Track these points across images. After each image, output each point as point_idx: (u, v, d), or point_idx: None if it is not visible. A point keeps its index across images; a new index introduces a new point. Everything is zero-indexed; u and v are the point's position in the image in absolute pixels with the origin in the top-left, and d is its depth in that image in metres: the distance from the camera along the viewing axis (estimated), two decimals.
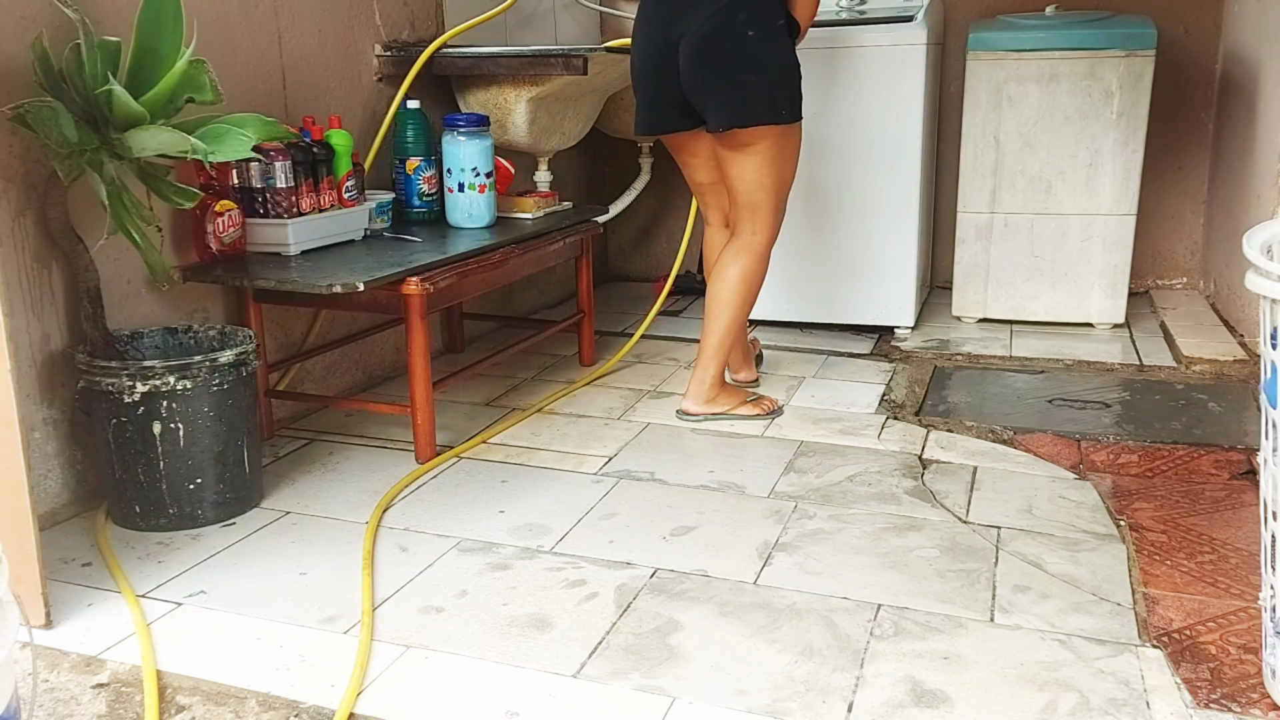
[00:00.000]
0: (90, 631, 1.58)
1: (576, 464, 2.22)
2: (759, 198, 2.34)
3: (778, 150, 2.29)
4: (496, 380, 2.82)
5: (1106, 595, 1.64)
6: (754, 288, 2.43)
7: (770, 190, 2.34)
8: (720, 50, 2.19)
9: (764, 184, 2.33)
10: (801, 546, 1.83)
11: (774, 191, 2.35)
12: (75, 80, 1.76)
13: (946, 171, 3.55)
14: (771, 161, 2.30)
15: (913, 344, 3.11)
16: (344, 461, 2.25)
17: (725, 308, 2.42)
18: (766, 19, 2.20)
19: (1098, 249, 3.15)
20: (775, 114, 2.24)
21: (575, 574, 1.74)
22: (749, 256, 2.39)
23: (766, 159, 2.29)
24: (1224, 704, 1.36)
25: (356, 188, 2.43)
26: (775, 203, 2.36)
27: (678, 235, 4.04)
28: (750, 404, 2.49)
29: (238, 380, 1.91)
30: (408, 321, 2.17)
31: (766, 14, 2.20)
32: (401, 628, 1.58)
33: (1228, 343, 2.97)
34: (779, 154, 2.30)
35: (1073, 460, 2.20)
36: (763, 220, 2.37)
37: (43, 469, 1.92)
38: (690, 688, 1.41)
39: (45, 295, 1.90)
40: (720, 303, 2.42)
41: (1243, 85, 3.21)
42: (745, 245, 2.39)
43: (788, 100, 2.26)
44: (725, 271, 2.41)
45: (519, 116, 2.84)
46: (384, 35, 2.74)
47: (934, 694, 1.39)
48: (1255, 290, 1.27)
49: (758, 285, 2.44)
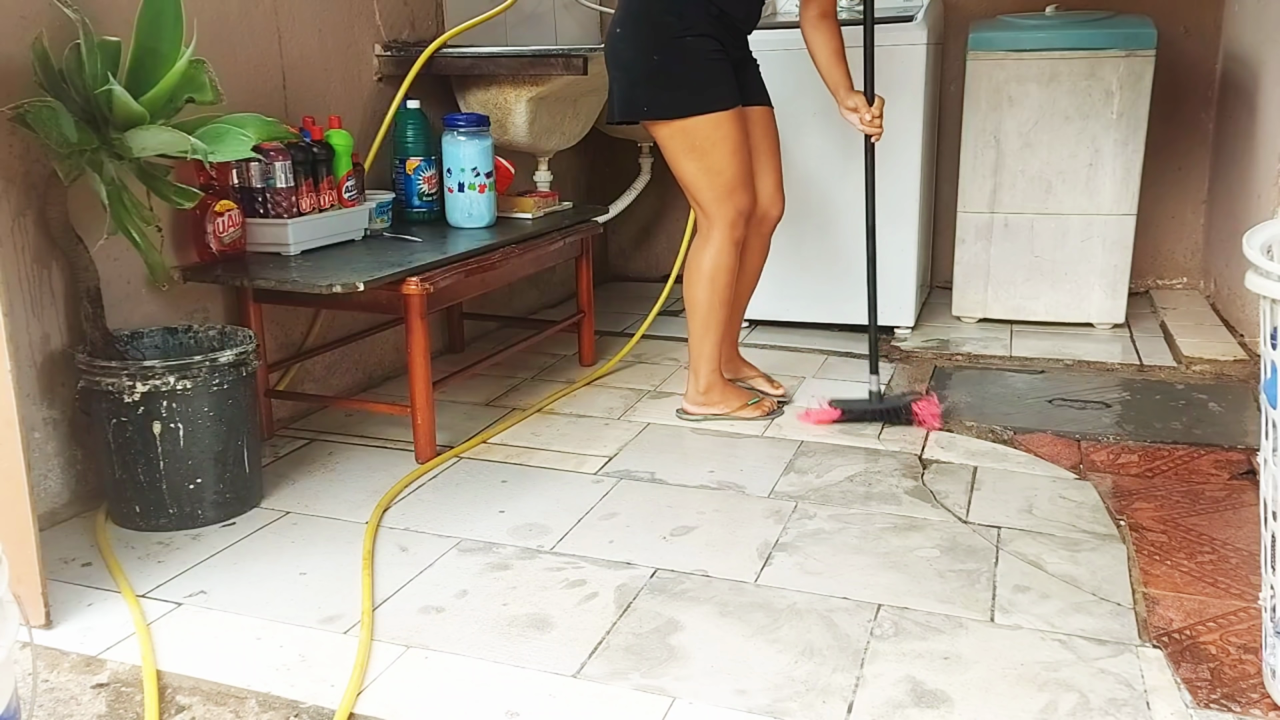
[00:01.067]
0: (90, 631, 1.58)
1: (577, 464, 2.22)
2: (691, 192, 2.38)
3: (681, 144, 2.30)
4: (496, 380, 2.82)
5: (1106, 595, 1.64)
6: (714, 282, 2.40)
7: (695, 186, 2.35)
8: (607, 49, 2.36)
9: (685, 179, 2.36)
10: (801, 546, 1.83)
11: (700, 187, 2.34)
12: (75, 80, 1.76)
13: (946, 171, 3.55)
14: (680, 155, 2.32)
15: (913, 344, 3.11)
16: (344, 461, 2.25)
17: (690, 305, 2.45)
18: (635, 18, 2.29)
19: (1098, 249, 3.15)
20: (637, 111, 2.31)
21: (575, 574, 1.74)
22: (702, 252, 2.40)
23: (672, 153, 2.34)
24: (1224, 704, 1.36)
25: (356, 188, 2.43)
26: (710, 196, 2.34)
27: (678, 235, 4.03)
28: (751, 406, 2.49)
29: (238, 380, 1.91)
30: (408, 321, 2.17)
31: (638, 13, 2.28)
32: (401, 628, 1.58)
33: (1228, 343, 2.97)
34: (684, 148, 2.31)
35: (1073, 460, 2.20)
36: (705, 214, 2.38)
37: (43, 469, 1.92)
38: (690, 688, 1.41)
39: (45, 295, 1.90)
40: (687, 301, 2.46)
41: (1243, 85, 3.21)
42: (699, 241, 2.42)
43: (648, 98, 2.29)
44: (687, 269, 2.45)
45: (519, 116, 2.84)
46: (384, 35, 2.74)
47: (934, 694, 1.39)
48: (1255, 290, 1.27)
49: (720, 279, 2.40)
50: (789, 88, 3.09)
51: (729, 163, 2.31)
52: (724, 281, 2.40)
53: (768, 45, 3.09)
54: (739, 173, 2.33)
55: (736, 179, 2.33)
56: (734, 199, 2.34)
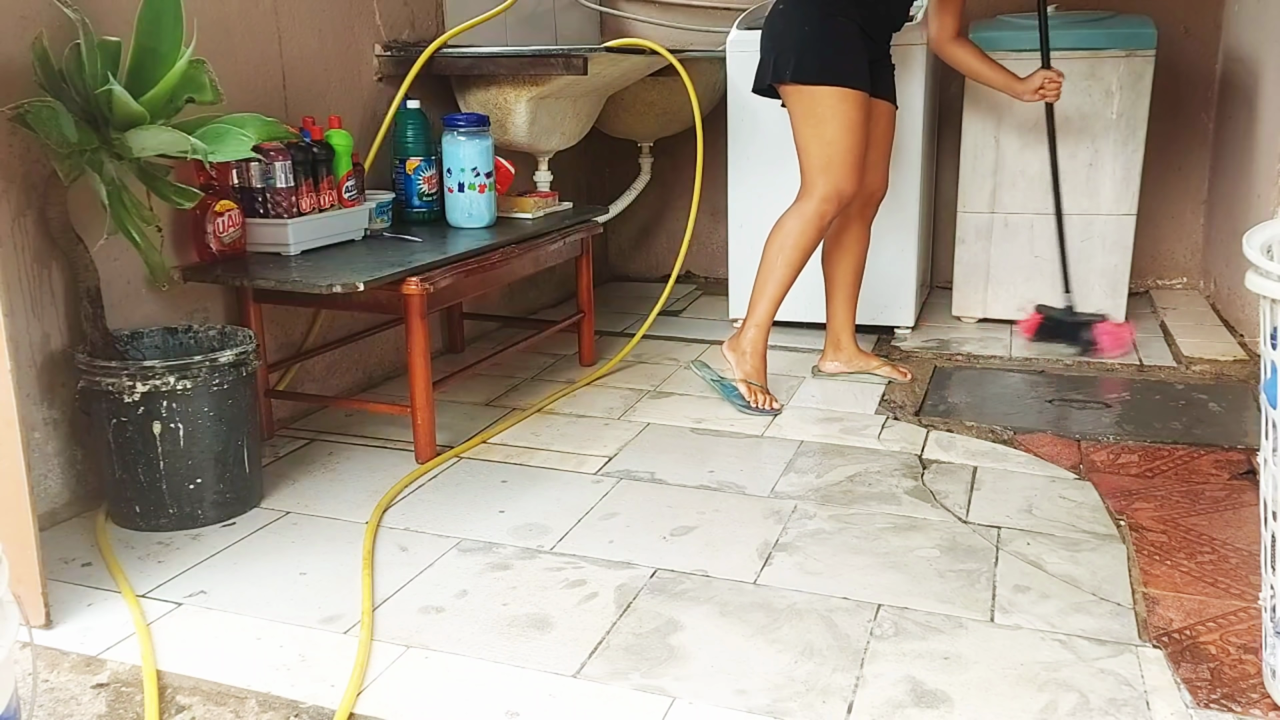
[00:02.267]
0: (90, 631, 1.58)
1: (577, 464, 2.22)
2: (801, 158, 2.53)
3: (804, 108, 2.48)
4: (496, 380, 2.82)
5: (1106, 595, 1.64)
6: (785, 244, 2.52)
7: (805, 151, 2.51)
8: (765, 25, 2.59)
9: (799, 143, 2.52)
10: (801, 546, 1.83)
11: (810, 154, 2.50)
12: (75, 80, 1.76)
13: (946, 171, 3.55)
14: (801, 119, 2.50)
15: (913, 344, 3.11)
16: (344, 461, 2.25)
17: (761, 261, 2.58)
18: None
19: (1098, 249, 3.15)
20: (780, 74, 2.49)
21: (575, 574, 1.74)
22: (790, 215, 2.54)
23: (795, 117, 2.51)
24: (1224, 704, 1.36)
25: (356, 188, 2.43)
26: (816, 164, 2.49)
27: (678, 235, 4.04)
28: (748, 386, 2.56)
29: (238, 380, 1.91)
30: (408, 321, 2.17)
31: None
32: (401, 628, 1.58)
33: (1228, 343, 2.97)
34: (805, 113, 2.48)
35: (1073, 460, 2.20)
36: (806, 181, 2.53)
37: (43, 469, 1.92)
38: (690, 688, 1.41)
39: (45, 295, 1.90)
40: (761, 257, 2.58)
41: (1243, 85, 3.21)
42: (792, 206, 2.55)
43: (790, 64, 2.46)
44: (772, 228, 2.57)
45: (519, 116, 2.84)
46: (384, 35, 2.74)
47: (934, 694, 1.39)
48: (1255, 290, 1.27)
49: (796, 244, 2.52)
50: None
51: (841, 137, 2.46)
52: (794, 245, 2.52)
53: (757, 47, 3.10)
54: (848, 150, 2.47)
55: (844, 156, 2.47)
56: (835, 174, 2.48)
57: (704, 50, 3.37)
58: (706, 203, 3.85)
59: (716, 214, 3.92)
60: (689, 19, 3.77)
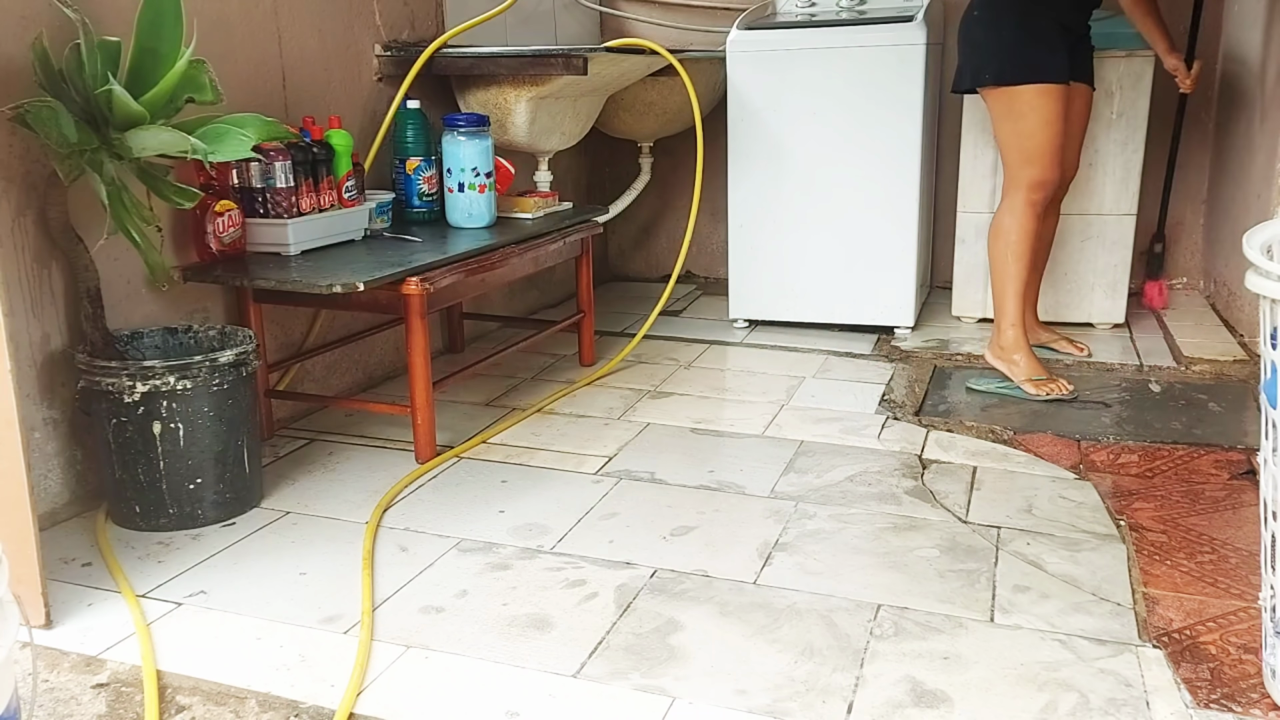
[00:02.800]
0: (90, 631, 1.58)
1: (577, 464, 2.22)
2: (1002, 153, 2.66)
3: (1003, 107, 2.59)
4: (496, 380, 2.82)
5: (1106, 595, 1.64)
6: (1008, 241, 2.64)
7: (1006, 147, 2.63)
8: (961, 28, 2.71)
9: (999, 140, 2.65)
10: (801, 546, 1.83)
11: (1010, 149, 2.61)
12: (75, 80, 1.76)
13: (946, 171, 3.55)
14: (1000, 118, 2.61)
15: (912, 344, 3.11)
16: (344, 461, 2.25)
17: (990, 262, 2.71)
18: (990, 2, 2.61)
19: (1098, 249, 3.15)
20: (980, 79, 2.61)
21: (575, 574, 1.74)
22: (1002, 212, 2.67)
23: (995, 116, 2.63)
24: (1224, 704, 1.36)
25: (356, 188, 2.43)
26: (1016, 159, 2.60)
27: (678, 235, 4.04)
28: (1035, 383, 2.61)
29: (238, 380, 1.91)
30: (408, 321, 2.17)
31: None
32: (401, 628, 1.58)
33: (1228, 343, 2.97)
34: (1005, 111, 2.59)
35: (1073, 460, 2.20)
36: (1009, 175, 2.64)
37: (43, 469, 1.92)
38: (690, 688, 1.41)
39: (45, 295, 1.90)
40: (989, 258, 2.72)
41: (1243, 85, 3.21)
42: (1002, 203, 2.68)
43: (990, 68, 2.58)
44: (990, 229, 2.72)
45: (519, 116, 2.84)
46: (384, 35, 2.74)
47: (934, 694, 1.39)
48: (1255, 290, 1.27)
49: (1014, 237, 2.63)
50: (786, 87, 3.09)
51: (1039, 130, 2.54)
52: (1018, 239, 2.63)
53: (756, 47, 3.11)
54: (1047, 142, 2.56)
55: (1043, 148, 2.56)
56: (1035, 165, 2.57)
57: (704, 50, 3.37)
58: (706, 203, 3.85)
59: (716, 214, 3.92)
60: (689, 19, 3.77)
